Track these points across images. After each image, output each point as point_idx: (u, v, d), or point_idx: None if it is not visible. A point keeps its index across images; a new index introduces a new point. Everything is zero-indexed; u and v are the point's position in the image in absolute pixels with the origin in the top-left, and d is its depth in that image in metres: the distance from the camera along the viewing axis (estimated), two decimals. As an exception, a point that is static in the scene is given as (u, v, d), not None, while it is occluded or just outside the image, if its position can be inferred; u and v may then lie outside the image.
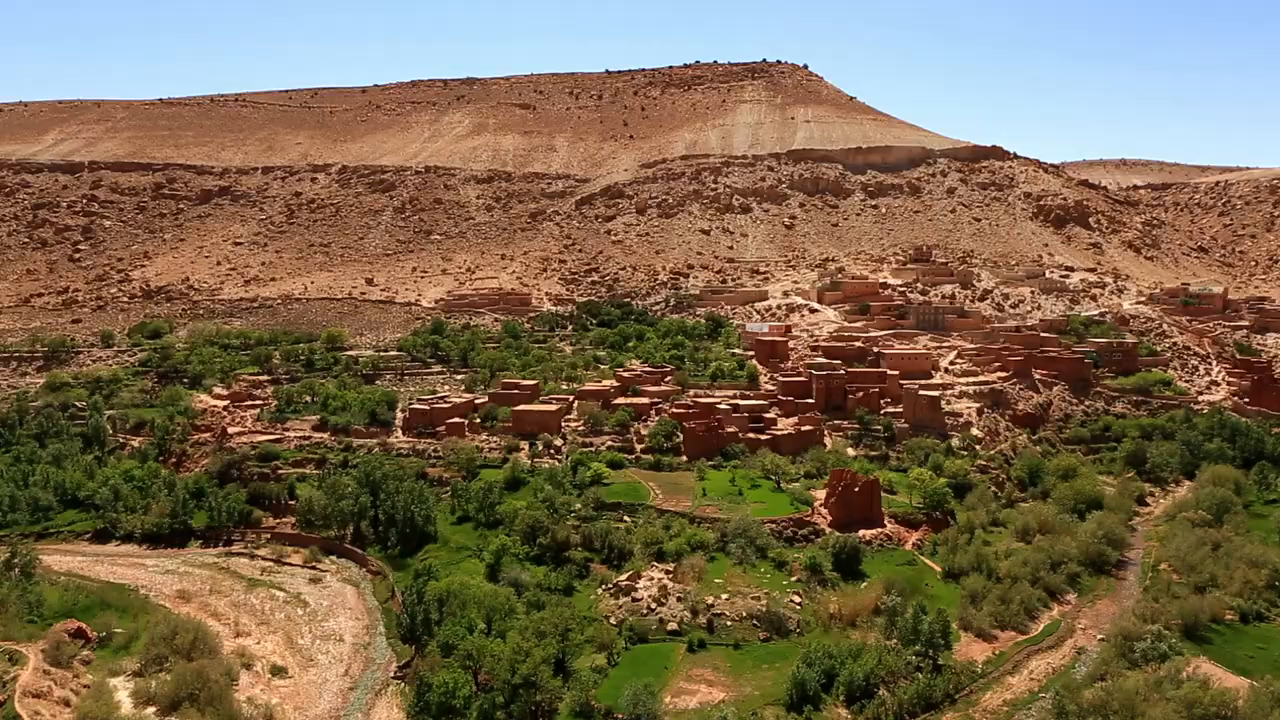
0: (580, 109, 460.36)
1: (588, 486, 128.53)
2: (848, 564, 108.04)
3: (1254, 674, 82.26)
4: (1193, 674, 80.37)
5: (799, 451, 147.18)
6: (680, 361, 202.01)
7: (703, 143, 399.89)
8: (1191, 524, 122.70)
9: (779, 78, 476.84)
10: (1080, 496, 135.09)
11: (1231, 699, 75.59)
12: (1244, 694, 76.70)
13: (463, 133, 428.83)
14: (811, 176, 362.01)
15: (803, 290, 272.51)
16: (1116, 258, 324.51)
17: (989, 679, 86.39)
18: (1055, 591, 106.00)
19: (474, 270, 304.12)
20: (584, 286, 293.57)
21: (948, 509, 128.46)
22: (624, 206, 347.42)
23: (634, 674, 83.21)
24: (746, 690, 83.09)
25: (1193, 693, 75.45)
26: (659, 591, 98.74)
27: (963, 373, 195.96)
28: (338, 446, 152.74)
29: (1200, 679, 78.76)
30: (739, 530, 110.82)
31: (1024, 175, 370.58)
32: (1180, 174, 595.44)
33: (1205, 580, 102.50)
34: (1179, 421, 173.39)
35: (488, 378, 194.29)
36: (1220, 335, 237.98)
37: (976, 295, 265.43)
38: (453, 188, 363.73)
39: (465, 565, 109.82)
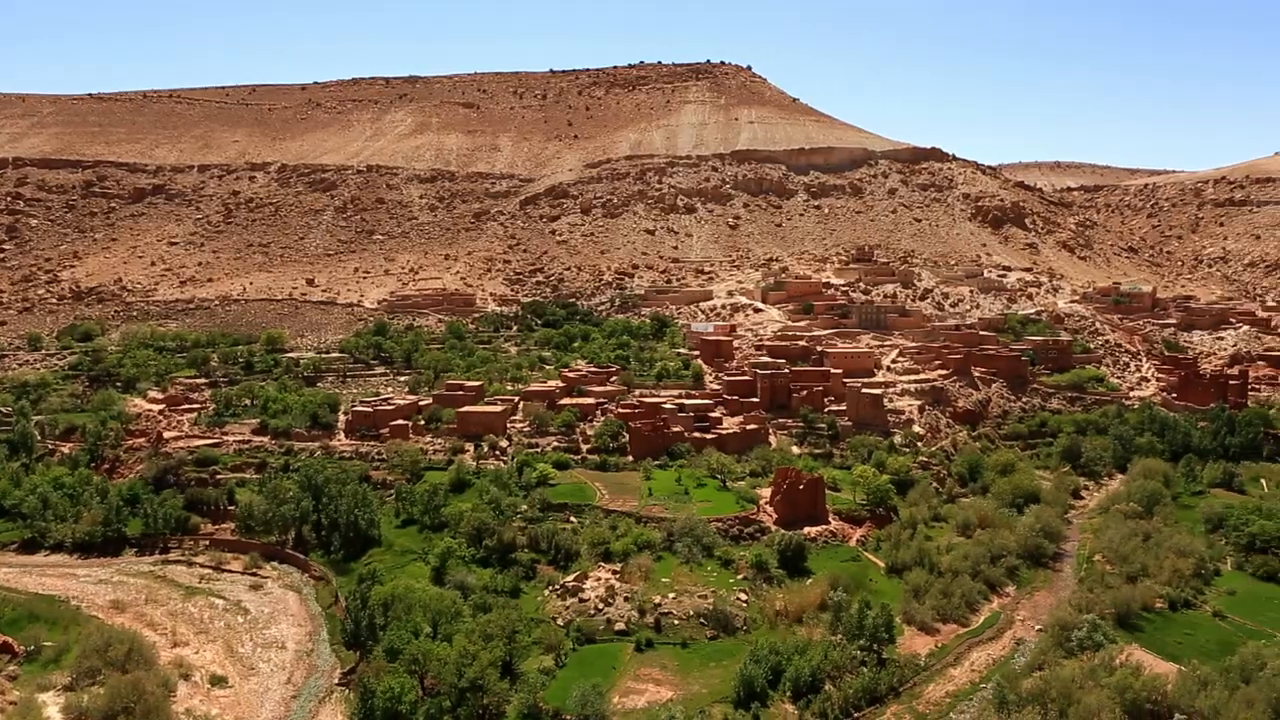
0: (525, 108, 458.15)
1: (534, 488, 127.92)
2: (793, 561, 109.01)
3: (1182, 659, 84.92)
4: (1125, 661, 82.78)
5: (744, 450, 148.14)
6: (626, 361, 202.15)
7: (647, 143, 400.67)
8: (1123, 516, 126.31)
9: (723, 79, 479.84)
10: (1018, 491, 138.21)
11: (1161, 684, 78.10)
12: (1173, 679, 79.27)
13: (405, 131, 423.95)
14: (755, 177, 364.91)
15: (747, 290, 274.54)
16: (1051, 257, 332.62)
17: (932, 671, 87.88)
18: (995, 584, 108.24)
19: (417, 271, 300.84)
20: (529, 287, 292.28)
21: (890, 505, 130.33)
22: (569, 206, 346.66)
23: (582, 675, 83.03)
24: (694, 688, 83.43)
25: (1125, 679, 77.79)
26: (606, 592, 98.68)
27: (904, 371, 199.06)
28: (278, 450, 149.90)
29: (1132, 666, 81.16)
30: (685, 529, 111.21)
31: (962, 177, 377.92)
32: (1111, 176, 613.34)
33: (1137, 570, 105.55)
34: (1111, 417, 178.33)
35: (432, 379, 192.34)
36: (1149, 333, 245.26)
37: (917, 294, 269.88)
38: (395, 187, 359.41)
39: (410, 569, 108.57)
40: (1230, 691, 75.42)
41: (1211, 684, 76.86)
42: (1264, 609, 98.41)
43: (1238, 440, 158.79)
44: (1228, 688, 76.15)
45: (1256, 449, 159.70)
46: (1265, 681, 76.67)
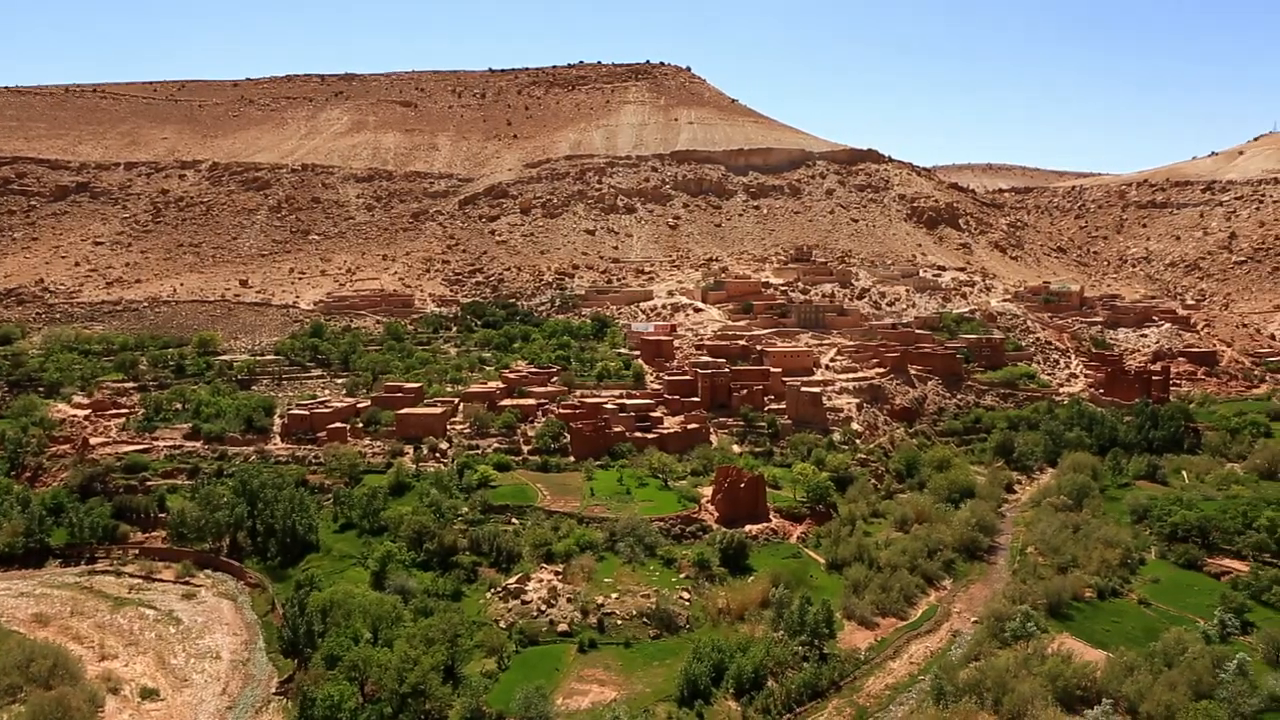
0: (463, 107, 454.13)
1: (474, 489, 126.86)
2: (735, 559, 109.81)
3: (1110, 646, 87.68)
4: (1057, 650, 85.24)
5: (685, 449, 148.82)
6: (566, 362, 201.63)
7: (587, 143, 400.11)
8: (1054, 509, 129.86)
9: (662, 79, 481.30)
10: (954, 486, 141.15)
11: (1091, 670, 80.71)
12: (1101, 665, 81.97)
13: (341, 130, 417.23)
14: (695, 177, 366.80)
15: (687, 290, 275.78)
16: (984, 257, 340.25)
17: (872, 665, 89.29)
18: (932, 578, 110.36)
19: (354, 271, 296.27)
20: (468, 287, 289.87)
21: (830, 502, 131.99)
22: (508, 206, 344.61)
23: (525, 677, 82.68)
24: (638, 688, 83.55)
25: (1056, 667, 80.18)
26: (549, 593, 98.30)
27: (843, 369, 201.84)
28: (212, 455, 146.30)
29: (1063, 654, 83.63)
30: (627, 529, 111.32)
31: (898, 178, 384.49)
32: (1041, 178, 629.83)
33: (1067, 561, 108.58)
34: (1042, 412, 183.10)
35: (370, 381, 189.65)
36: (1078, 331, 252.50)
37: (855, 294, 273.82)
38: (331, 186, 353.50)
39: (349, 574, 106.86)
40: (1154, 676, 78.15)
41: (1137, 669, 79.61)
42: (1185, 595, 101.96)
43: (1161, 434, 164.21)
44: (1152, 672, 78.90)
45: (1178, 442, 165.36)
46: (1186, 665, 79.62)
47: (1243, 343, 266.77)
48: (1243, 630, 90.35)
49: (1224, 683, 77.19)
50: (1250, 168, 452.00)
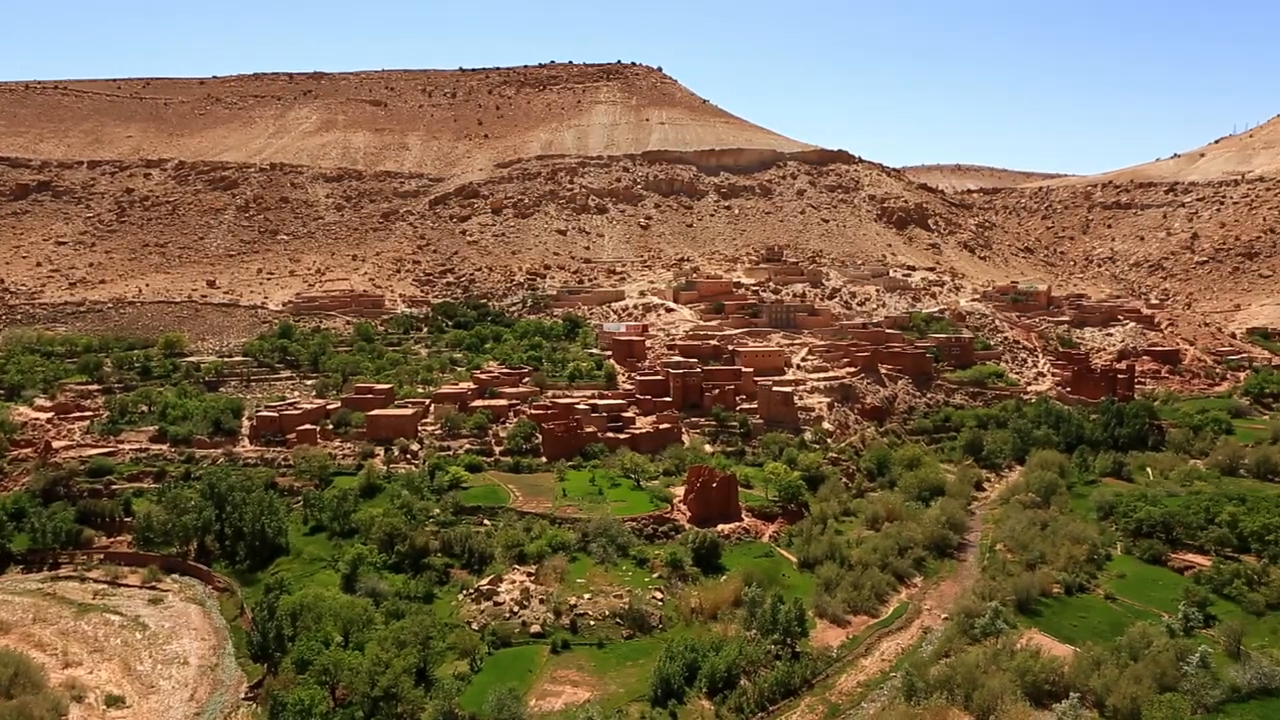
0: (434, 107, 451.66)
1: (446, 491, 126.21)
2: (707, 558, 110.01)
3: (1077, 641, 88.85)
4: (1025, 645, 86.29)
5: (657, 449, 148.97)
6: (538, 362, 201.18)
7: (558, 143, 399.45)
8: (1023, 506, 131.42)
9: (634, 79, 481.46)
10: (924, 484, 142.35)
11: (1059, 665, 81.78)
12: (1069, 660, 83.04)
13: (310, 129, 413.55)
14: (666, 178, 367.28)
15: (659, 290, 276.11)
16: (953, 257, 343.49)
17: (844, 662, 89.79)
18: (903, 575, 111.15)
19: (324, 272, 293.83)
20: (439, 288, 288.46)
21: (802, 501, 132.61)
22: (479, 206, 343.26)
23: (498, 679, 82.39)
24: (611, 688, 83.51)
25: (1025, 662, 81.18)
26: (521, 594, 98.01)
27: (814, 369, 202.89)
28: (178, 458, 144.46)
29: (1032, 649, 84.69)
30: (600, 530, 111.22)
31: (868, 178, 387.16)
32: (1008, 179, 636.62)
33: (1035, 557, 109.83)
34: (1010, 411, 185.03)
35: (340, 382, 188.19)
36: (1045, 330, 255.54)
37: (826, 294, 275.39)
38: (300, 186, 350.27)
39: (320, 577, 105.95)
40: (1120, 669, 79.31)
41: (1104, 663, 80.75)
42: (1150, 590, 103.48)
43: (1126, 431, 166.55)
44: (1118, 666, 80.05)
45: (1143, 439, 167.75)
46: (1151, 658, 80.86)
47: (1205, 341, 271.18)
48: (1205, 623, 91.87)
49: (1187, 675, 78.46)
50: (1211, 170, 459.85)
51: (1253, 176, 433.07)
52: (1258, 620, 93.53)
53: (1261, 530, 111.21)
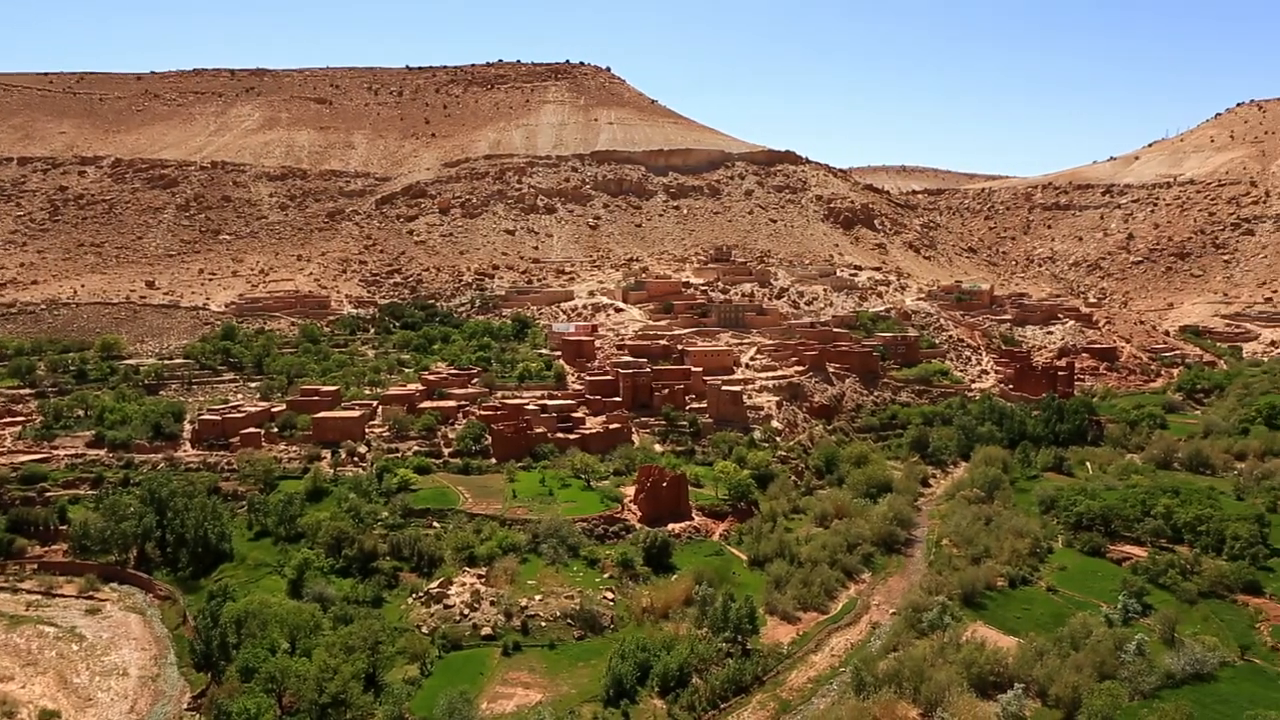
0: (380, 105, 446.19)
1: (394, 494, 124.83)
2: (658, 558, 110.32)
3: (1021, 632, 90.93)
4: (971, 638, 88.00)
5: (608, 449, 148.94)
6: (487, 363, 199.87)
7: (506, 142, 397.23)
8: (968, 501, 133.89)
9: (582, 79, 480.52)
10: (872, 481, 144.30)
11: (1003, 656, 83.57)
12: (1013, 651, 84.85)
13: (253, 126, 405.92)
14: (615, 178, 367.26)
15: (608, 290, 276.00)
16: (899, 257, 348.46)
17: (794, 659, 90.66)
18: (852, 572, 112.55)
19: (268, 272, 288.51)
20: (386, 288, 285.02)
21: (751, 499, 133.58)
22: (426, 206, 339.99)
23: (449, 682, 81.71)
24: (563, 689, 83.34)
25: (971, 654, 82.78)
26: (471, 597, 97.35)
27: (762, 368, 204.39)
28: (117, 464, 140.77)
29: (977, 642, 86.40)
30: (550, 530, 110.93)
31: (815, 179, 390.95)
32: (952, 180, 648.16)
33: (980, 552, 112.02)
34: (955, 408, 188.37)
35: (285, 384, 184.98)
36: (988, 329, 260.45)
37: (774, 293, 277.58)
38: (243, 185, 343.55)
39: (265, 583, 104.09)
40: (1062, 659, 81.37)
41: (1046, 654, 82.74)
42: (1090, 582, 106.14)
43: (1066, 427, 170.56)
44: (1060, 656, 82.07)
45: (1082, 434, 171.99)
46: (1091, 648, 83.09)
47: (1140, 339, 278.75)
48: (1143, 613, 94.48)
49: (1125, 663, 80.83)
50: (1145, 172, 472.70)
51: (1184, 179, 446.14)
52: (1190, 609, 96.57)
53: (1194, 521, 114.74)
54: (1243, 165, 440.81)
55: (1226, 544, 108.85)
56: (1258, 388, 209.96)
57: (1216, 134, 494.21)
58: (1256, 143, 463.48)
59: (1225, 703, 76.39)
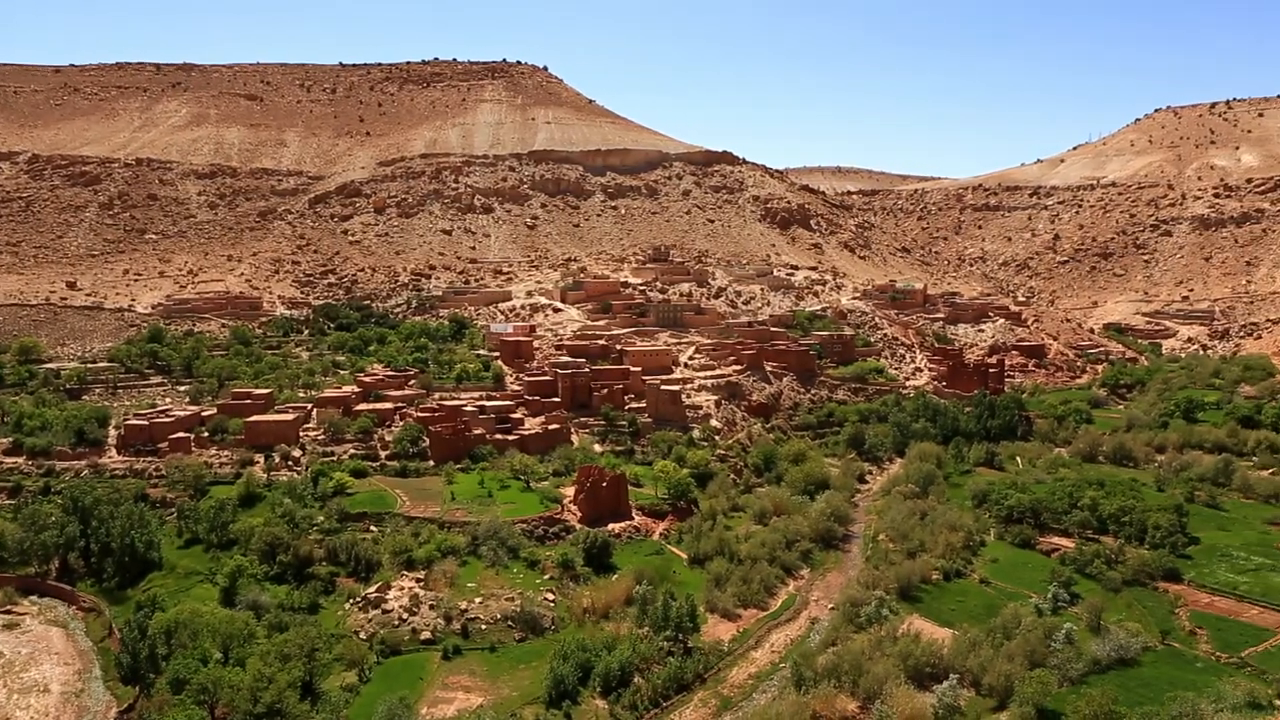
0: (313, 102, 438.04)
1: (330, 498, 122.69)
2: (599, 558, 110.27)
3: (955, 624, 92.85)
4: (907, 631, 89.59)
5: (547, 450, 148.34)
6: (424, 364, 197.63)
7: (443, 141, 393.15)
8: (903, 497, 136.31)
9: (519, 78, 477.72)
10: (810, 478, 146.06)
11: (939, 648, 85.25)
12: (948, 643, 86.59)
13: (180, 123, 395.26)
14: (553, 177, 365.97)
15: (546, 290, 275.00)
16: (835, 257, 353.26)
17: (735, 656, 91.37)
18: (791, 568, 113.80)
19: (196, 273, 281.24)
20: (320, 289, 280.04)
21: (691, 498, 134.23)
22: (361, 205, 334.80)
23: (388, 688, 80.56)
24: (505, 692, 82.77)
25: (907, 647, 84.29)
26: (410, 601, 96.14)
27: (701, 367, 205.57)
28: (37, 471, 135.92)
29: (913, 634, 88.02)
30: (490, 532, 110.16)
31: (752, 180, 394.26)
32: (886, 181, 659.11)
33: (916, 546, 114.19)
34: (890, 405, 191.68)
35: (216, 388, 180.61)
36: (922, 327, 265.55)
37: (712, 293, 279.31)
38: (170, 182, 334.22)
39: (196, 591, 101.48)
40: (995, 649, 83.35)
41: (980, 644, 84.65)
42: (1021, 573, 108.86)
43: (997, 422, 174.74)
44: (993, 646, 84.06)
45: (1012, 430, 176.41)
46: (1022, 637, 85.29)
47: (1067, 336, 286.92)
48: (1071, 602, 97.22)
49: (1054, 651, 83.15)
50: (1070, 174, 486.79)
51: (1106, 182, 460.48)
52: (1115, 597, 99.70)
53: (1118, 513, 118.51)
54: (1160, 169, 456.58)
55: (1148, 533, 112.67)
56: (1176, 383, 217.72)
57: (1136, 138, 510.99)
58: (1173, 147, 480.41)
59: (1147, 686, 78.99)
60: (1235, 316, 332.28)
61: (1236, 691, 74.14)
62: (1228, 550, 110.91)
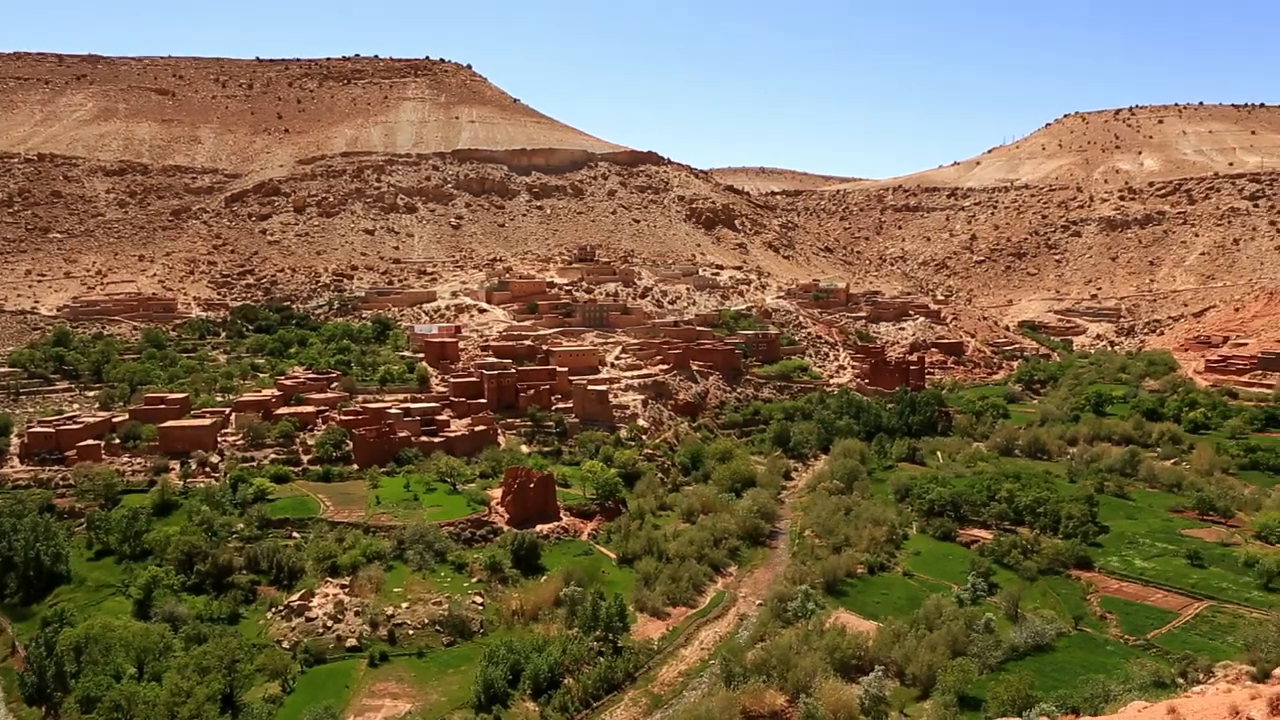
0: (228, 98, 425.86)
1: (250, 504, 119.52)
2: (527, 559, 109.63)
3: (880, 616, 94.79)
4: (834, 624, 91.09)
5: (473, 452, 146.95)
6: (347, 367, 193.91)
7: (364, 140, 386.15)
8: (828, 493, 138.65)
9: (443, 76, 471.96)
10: (737, 476, 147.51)
11: (864, 640, 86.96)
12: (873, 635, 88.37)
13: (86, 117, 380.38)
14: (477, 177, 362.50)
15: (471, 290, 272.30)
16: (759, 257, 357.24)
17: (665, 654, 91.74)
18: (719, 566, 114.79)
19: (105, 273, 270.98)
20: (238, 290, 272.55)
21: (619, 497, 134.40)
22: (280, 204, 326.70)
23: (312, 698, 78.85)
24: (433, 698, 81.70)
25: (834, 640, 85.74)
26: (335, 608, 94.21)
27: (628, 367, 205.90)
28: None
29: (839, 628, 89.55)
30: (416, 536, 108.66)
31: (678, 180, 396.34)
32: (809, 182, 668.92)
33: (841, 541, 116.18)
34: (815, 403, 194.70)
35: (127, 393, 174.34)
36: (844, 325, 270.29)
37: (638, 293, 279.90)
38: (75, 179, 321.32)
39: (108, 605, 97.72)
40: (918, 640, 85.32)
41: (903, 635, 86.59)
42: (942, 565, 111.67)
43: (918, 418, 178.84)
44: (916, 637, 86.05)
45: (933, 425, 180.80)
46: (944, 627, 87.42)
47: (984, 334, 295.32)
48: (990, 591, 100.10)
49: (975, 640, 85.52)
50: (985, 176, 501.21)
51: (1019, 184, 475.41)
52: (1031, 585, 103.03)
53: (1033, 504, 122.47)
54: (1070, 172, 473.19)
55: (1061, 524, 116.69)
56: (1086, 378, 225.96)
57: (1047, 142, 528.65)
58: (1081, 151, 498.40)
59: (1061, 670, 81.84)
60: (1140, 314, 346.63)
61: (1143, 672, 77.39)
62: (1135, 538, 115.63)
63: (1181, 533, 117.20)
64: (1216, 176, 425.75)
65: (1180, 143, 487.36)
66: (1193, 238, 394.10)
